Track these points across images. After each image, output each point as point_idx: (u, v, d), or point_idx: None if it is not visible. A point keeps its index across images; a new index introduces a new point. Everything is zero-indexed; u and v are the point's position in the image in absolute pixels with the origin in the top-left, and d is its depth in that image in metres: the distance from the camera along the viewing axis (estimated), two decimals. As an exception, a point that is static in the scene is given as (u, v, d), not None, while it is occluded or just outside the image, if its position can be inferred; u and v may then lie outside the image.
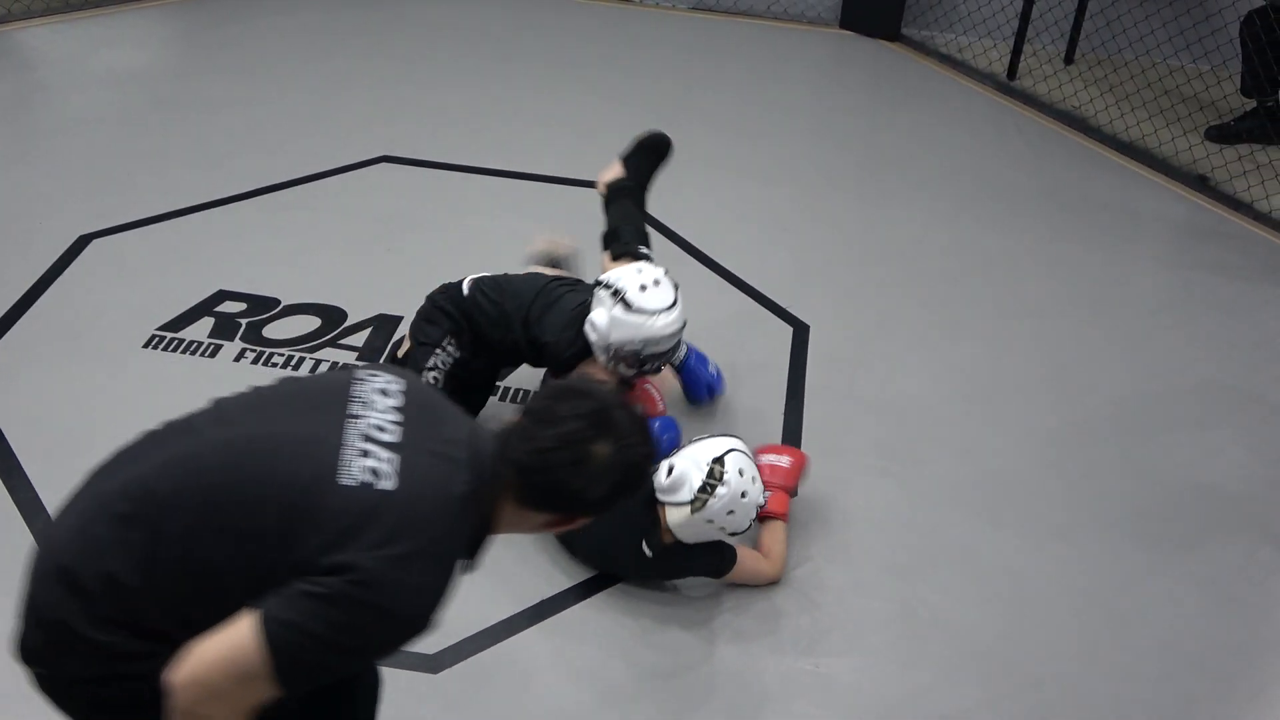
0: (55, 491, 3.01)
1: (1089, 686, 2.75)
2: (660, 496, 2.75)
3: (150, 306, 3.75)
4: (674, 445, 2.99)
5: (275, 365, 3.54)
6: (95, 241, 4.07)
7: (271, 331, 3.69)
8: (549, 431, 1.71)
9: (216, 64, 5.54)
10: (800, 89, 5.76)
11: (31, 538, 2.88)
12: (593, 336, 3.02)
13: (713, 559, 2.81)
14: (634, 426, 1.76)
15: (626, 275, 3.01)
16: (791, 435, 3.41)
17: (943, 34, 6.34)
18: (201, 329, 3.68)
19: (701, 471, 2.70)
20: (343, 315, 3.78)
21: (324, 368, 3.55)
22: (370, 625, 1.59)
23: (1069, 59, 6.14)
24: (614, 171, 3.46)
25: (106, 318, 3.70)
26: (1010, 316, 4.05)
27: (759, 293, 4.07)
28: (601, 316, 2.98)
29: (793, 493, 3.04)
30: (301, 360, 3.57)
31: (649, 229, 3.43)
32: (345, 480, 1.62)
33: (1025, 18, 5.81)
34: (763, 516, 2.95)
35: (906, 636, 2.85)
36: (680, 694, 2.65)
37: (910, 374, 3.74)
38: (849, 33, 6.40)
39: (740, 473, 2.71)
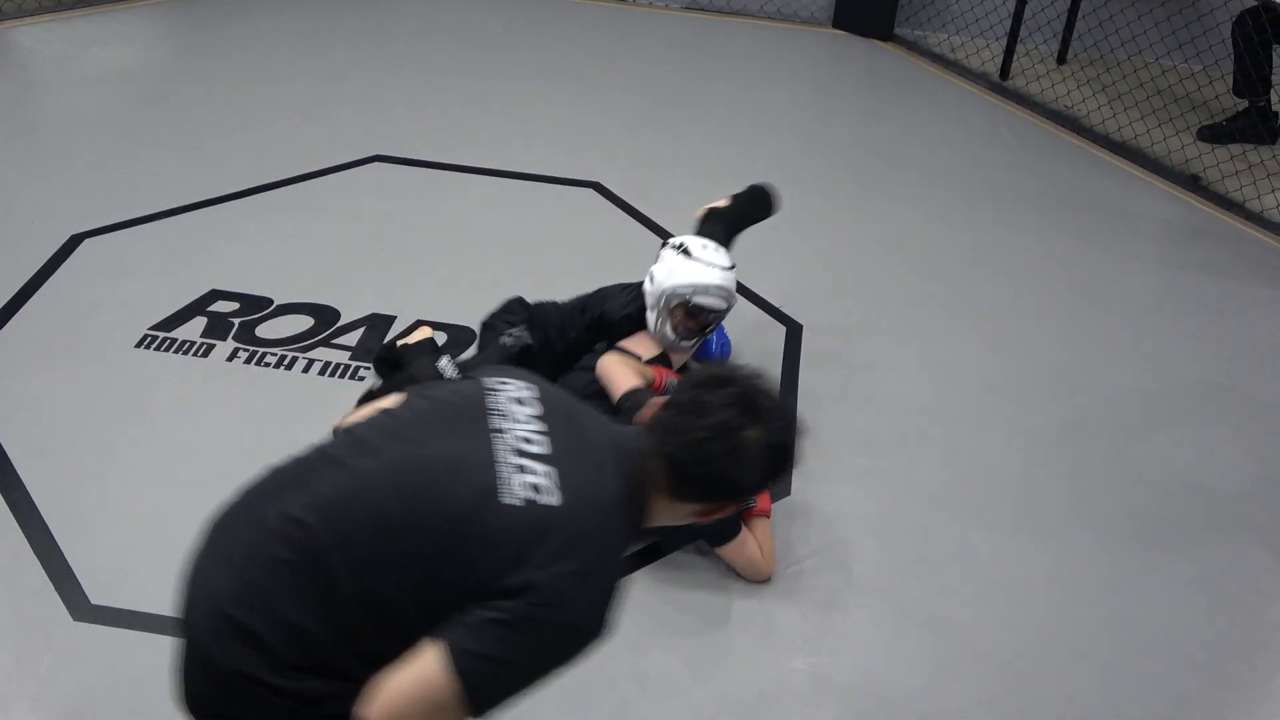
0: (47, 492, 3.02)
1: (1082, 685, 2.75)
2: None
3: (142, 306, 3.74)
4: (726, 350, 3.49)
5: (268, 365, 3.54)
6: (87, 241, 4.06)
7: (264, 331, 3.68)
8: (700, 422, 1.69)
9: (209, 63, 5.53)
10: (793, 89, 5.77)
11: (25, 538, 2.88)
12: (648, 287, 3.24)
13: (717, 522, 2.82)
14: (779, 408, 1.76)
15: (691, 238, 3.31)
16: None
17: (935, 34, 6.35)
18: (194, 328, 3.67)
19: None
20: (336, 315, 3.78)
21: (317, 367, 3.54)
22: (556, 643, 1.61)
23: (1062, 59, 6.16)
24: (720, 202, 3.61)
25: (98, 317, 3.69)
26: (1002, 316, 4.06)
27: (752, 292, 4.07)
28: (661, 267, 3.23)
29: (776, 490, 3.04)
30: (294, 360, 3.57)
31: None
32: (508, 500, 1.61)
33: (1018, 18, 5.83)
34: (748, 516, 2.95)
35: (900, 636, 2.85)
36: (673, 694, 2.65)
37: (903, 374, 3.74)
38: (842, 32, 6.40)
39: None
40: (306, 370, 3.54)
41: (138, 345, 3.59)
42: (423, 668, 1.55)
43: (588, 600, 1.61)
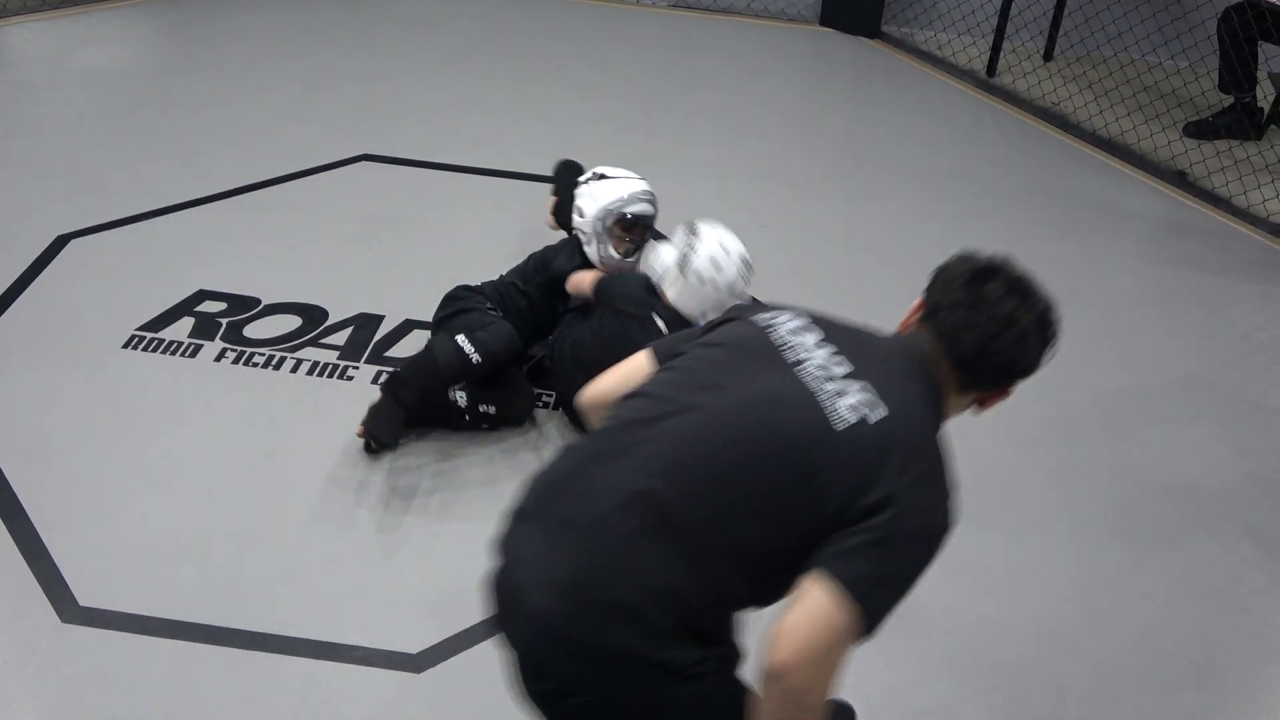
0: (35, 494, 3.02)
1: (1069, 680, 2.76)
2: (658, 284, 3.16)
3: (130, 306, 3.73)
4: None
5: (256, 365, 3.53)
6: (74, 241, 4.05)
7: (252, 331, 3.68)
8: (985, 316, 1.75)
9: (195, 62, 5.51)
10: (780, 86, 5.77)
11: (12, 541, 2.87)
12: (579, 221, 3.42)
13: None
14: (1038, 285, 1.82)
15: (596, 168, 3.52)
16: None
17: (922, 31, 6.36)
18: (181, 329, 3.67)
19: (678, 244, 3.12)
20: (324, 314, 3.77)
21: (305, 367, 3.54)
22: (925, 546, 1.66)
23: (1048, 56, 6.17)
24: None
25: (85, 318, 3.68)
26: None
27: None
28: (585, 199, 3.41)
29: None
30: (283, 360, 3.56)
31: None
32: (841, 425, 1.66)
33: (1004, 15, 5.84)
34: None
35: (888, 632, 2.82)
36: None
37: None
38: (829, 30, 6.41)
39: (713, 230, 3.12)
40: (295, 370, 3.53)
41: (125, 346, 3.58)
42: (817, 603, 1.58)
43: (940, 499, 1.69)
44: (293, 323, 3.73)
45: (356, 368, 3.55)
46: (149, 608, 2.74)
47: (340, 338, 3.68)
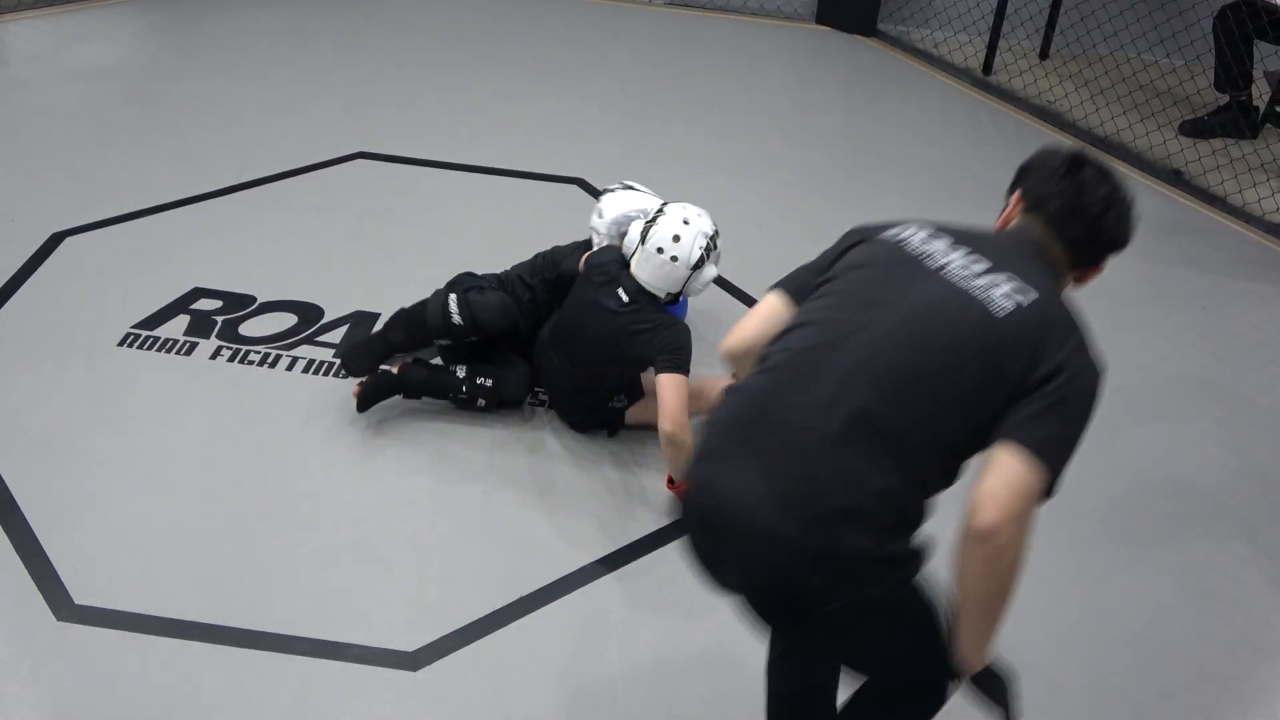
0: (30, 491, 3.01)
1: (1063, 677, 2.76)
2: (626, 256, 3.24)
3: (125, 304, 3.73)
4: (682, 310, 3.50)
5: (251, 363, 3.53)
6: (69, 239, 4.05)
7: (247, 329, 3.67)
8: (1088, 200, 1.99)
9: (191, 60, 5.51)
10: (776, 84, 5.77)
11: (7, 538, 2.87)
12: (596, 219, 3.49)
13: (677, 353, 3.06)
14: (1112, 168, 2.06)
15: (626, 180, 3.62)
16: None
17: (918, 29, 6.36)
18: (177, 327, 3.66)
19: (647, 219, 3.22)
20: (319, 312, 3.77)
21: (301, 365, 3.53)
22: (1090, 403, 1.85)
23: (1044, 54, 6.18)
24: None
25: (81, 316, 3.68)
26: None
27: (736, 287, 4.07)
28: (608, 202, 3.48)
29: None
30: (278, 358, 3.56)
31: None
32: (1001, 313, 1.85)
33: (1000, 13, 5.84)
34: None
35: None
36: (660, 689, 2.65)
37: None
38: (825, 28, 6.41)
39: (679, 207, 3.19)
40: (290, 368, 3.53)
41: (120, 344, 3.57)
42: (1012, 468, 1.77)
43: (1093, 360, 1.87)
44: (288, 320, 3.73)
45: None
46: (145, 606, 2.74)
47: (336, 335, 3.68)
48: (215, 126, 4.88)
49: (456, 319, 3.29)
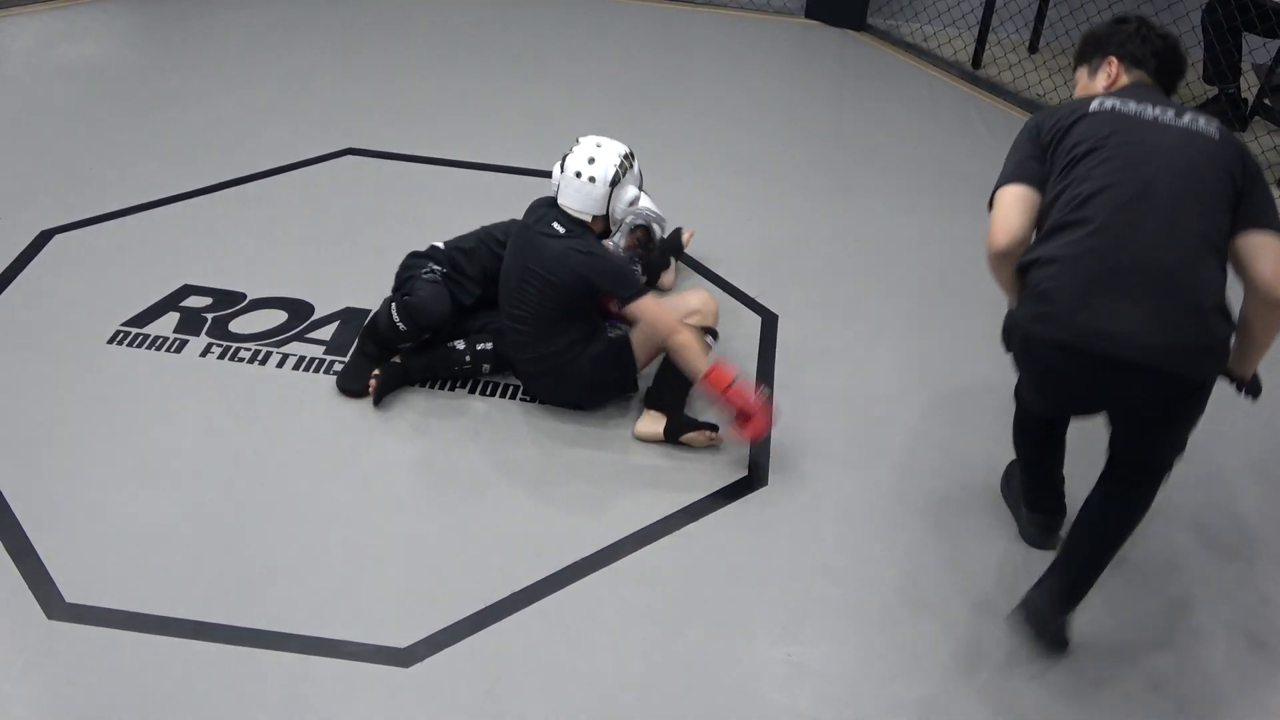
0: (20, 489, 3.01)
1: (1055, 667, 2.77)
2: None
3: (114, 302, 3.72)
4: None
5: (242, 360, 3.52)
6: (58, 236, 4.04)
7: (238, 326, 3.67)
8: (1165, 48, 2.66)
9: (179, 57, 5.49)
10: (766, 79, 5.77)
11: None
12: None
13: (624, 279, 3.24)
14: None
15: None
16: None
17: (908, 23, 6.36)
18: (166, 324, 3.66)
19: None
20: (310, 309, 3.76)
21: (291, 362, 3.53)
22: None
23: (1033, 48, 6.18)
24: None
25: (70, 313, 3.67)
26: (976, 305, 4.07)
27: (727, 282, 4.08)
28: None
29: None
30: (268, 355, 3.55)
31: None
32: (1216, 136, 2.45)
33: (989, 7, 5.85)
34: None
35: (876, 624, 2.87)
36: (653, 685, 2.66)
37: (878, 362, 3.75)
38: (814, 22, 6.41)
39: (592, 139, 3.37)
40: (280, 365, 3.52)
41: (110, 341, 3.57)
42: (1276, 248, 2.40)
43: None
44: (278, 318, 3.72)
45: (342, 362, 3.54)
46: (136, 604, 2.74)
47: (326, 332, 3.67)
48: (204, 123, 4.87)
49: (403, 327, 3.41)
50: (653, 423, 3.34)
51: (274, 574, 2.85)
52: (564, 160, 3.32)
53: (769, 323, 3.90)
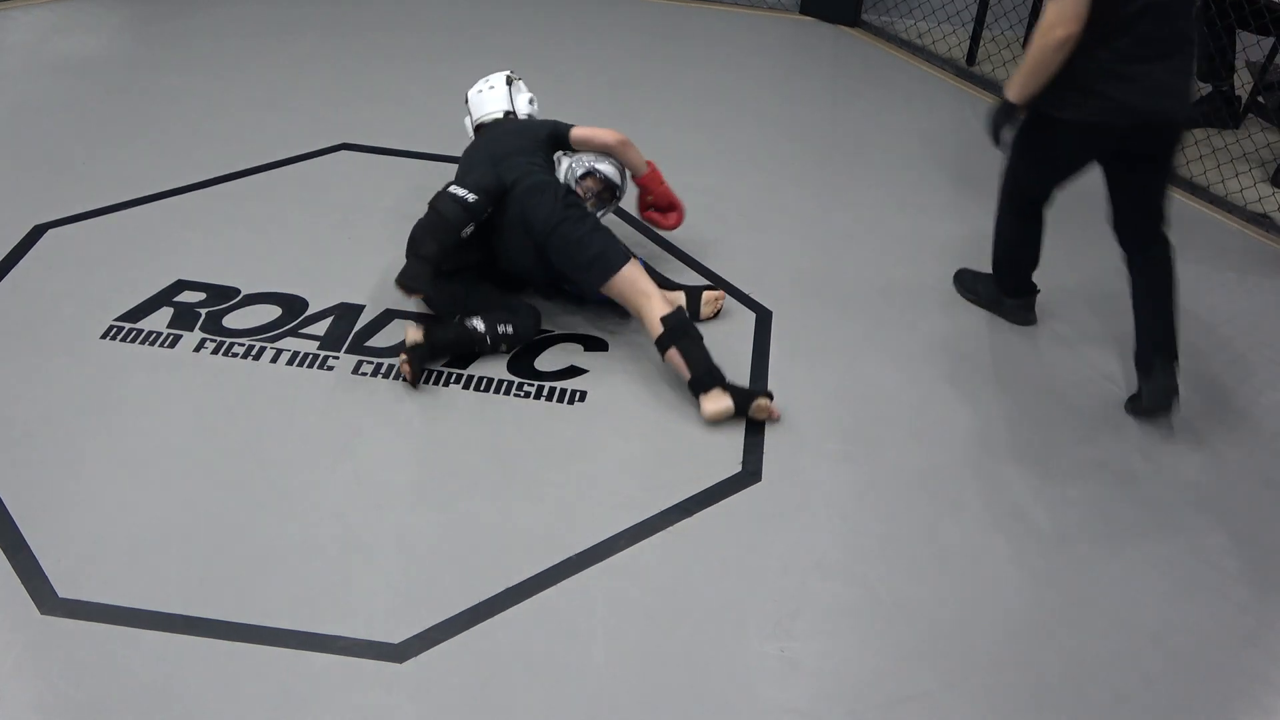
0: (13, 484, 3.00)
1: (1048, 665, 2.78)
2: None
3: (108, 297, 3.72)
4: None
5: (236, 355, 3.52)
6: (51, 231, 4.03)
7: (231, 321, 3.67)
8: None
9: (173, 51, 5.48)
10: (760, 75, 5.77)
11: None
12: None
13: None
14: None
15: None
16: (755, 421, 3.42)
17: (902, 19, 6.37)
18: (160, 319, 3.65)
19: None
20: (304, 304, 3.76)
21: (285, 357, 3.53)
22: None
23: (1028, 44, 6.17)
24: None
25: (63, 308, 3.66)
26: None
27: (722, 279, 4.08)
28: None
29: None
30: (262, 350, 3.55)
31: None
32: None
33: (984, 3, 5.86)
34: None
35: (869, 619, 2.87)
36: (646, 680, 2.66)
37: (872, 359, 3.76)
38: (809, 18, 6.41)
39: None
40: (275, 360, 3.52)
41: (103, 336, 3.56)
42: None
43: None
44: (272, 313, 3.72)
45: (337, 358, 3.54)
46: (129, 599, 2.73)
47: (320, 328, 3.67)
48: (198, 118, 4.86)
49: (471, 197, 3.51)
50: (718, 400, 3.38)
51: (267, 569, 2.85)
52: (468, 109, 4.08)
53: (763, 319, 3.90)
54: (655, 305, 3.47)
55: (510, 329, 3.58)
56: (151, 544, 2.89)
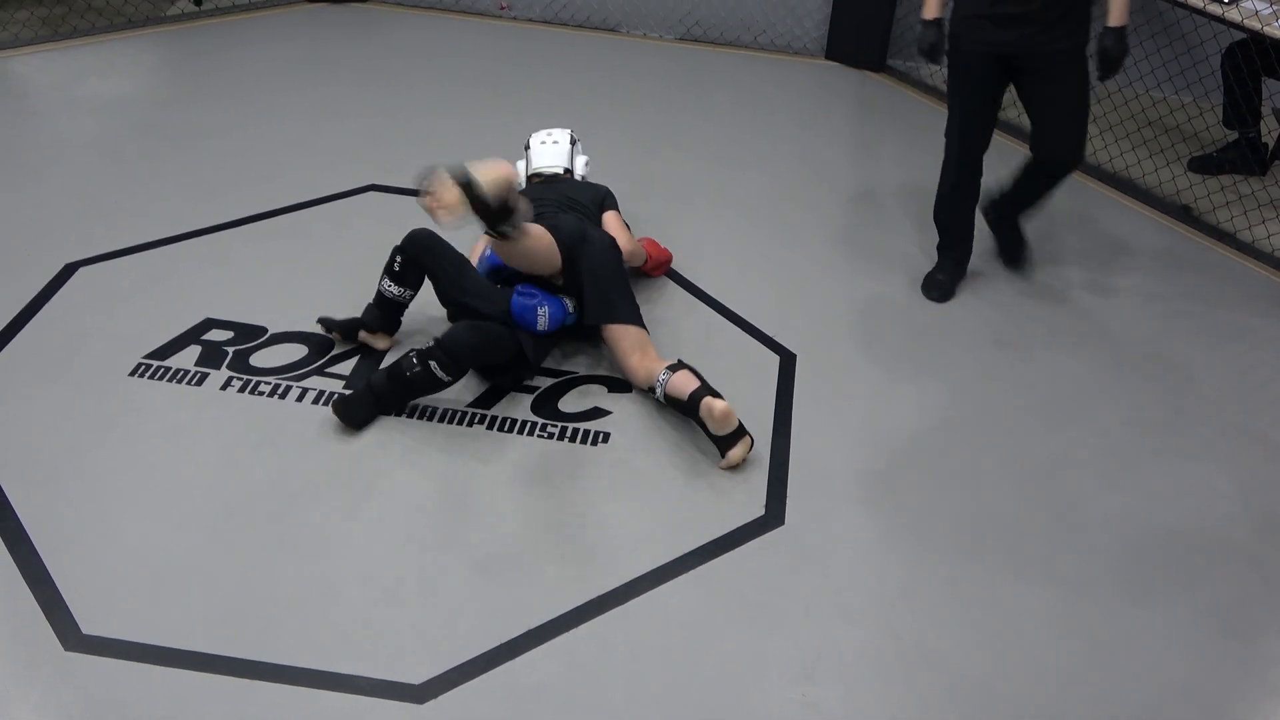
0: (39, 520, 3.02)
1: (1072, 715, 2.75)
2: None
3: (137, 334, 3.75)
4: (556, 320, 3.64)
5: (261, 394, 3.54)
6: (82, 269, 4.08)
7: (258, 360, 3.69)
8: None
9: (205, 92, 5.55)
10: (785, 119, 5.80)
11: (16, 567, 2.88)
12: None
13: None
14: None
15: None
16: (778, 465, 3.42)
17: (926, 65, 6.39)
18: (188, 357, 3.68)
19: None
20: (330, 344, 3.79)
21: (311, 396, 3.55)
22: None
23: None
24: None
25: (92, 345, 3.70)
26: (994, 347, 4.07)
27: (745, 321, 4.08)
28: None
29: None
30: (288, 389, 3.57)
31: None
32: None
33: (1009, 49, 5.85)
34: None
35: (891, 666, 2.85)
36: (666, 724, 2.65)
37: (896, 405, 3.75)
38: (834, 63, 6.44)
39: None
40: (300, 399, 3.54)
41: (131, 373, 3.59)
42: None
43: None
44: (299, 352, 3.74)
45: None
46: (152, 636, 2.74)
47: (346, 367, 3.69)
48: (228, 158, 4.92)
49: (447, 379, 3.48)
50: (741, 448, 3.39)
51: (289, 608, 2.85)
52: (527, 155, 4.30)
53: (787, 361, 3.90)
54: (653, 356, 3.61)
55: (430, 342, 3.45)
56: (175, 580, 2.90)
